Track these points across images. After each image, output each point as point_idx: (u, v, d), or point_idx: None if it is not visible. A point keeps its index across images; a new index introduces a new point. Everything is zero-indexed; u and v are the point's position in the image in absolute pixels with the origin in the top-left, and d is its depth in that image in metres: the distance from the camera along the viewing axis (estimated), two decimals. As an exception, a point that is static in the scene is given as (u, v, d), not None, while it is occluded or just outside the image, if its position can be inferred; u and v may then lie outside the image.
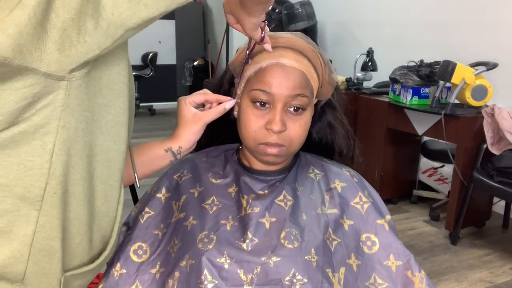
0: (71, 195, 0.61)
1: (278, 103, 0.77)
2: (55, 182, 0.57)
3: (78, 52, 0.51)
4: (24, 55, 0.48)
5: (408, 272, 0.79)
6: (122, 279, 0.78)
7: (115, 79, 0.60)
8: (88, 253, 0.68)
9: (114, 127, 0.63)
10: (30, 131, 0.53)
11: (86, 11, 0.50)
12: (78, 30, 0.50)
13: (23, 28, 0.46)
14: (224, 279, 0.72)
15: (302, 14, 4.30)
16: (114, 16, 0.51)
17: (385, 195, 2.96)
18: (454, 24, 3.28)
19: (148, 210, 0.84)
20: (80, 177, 0.60)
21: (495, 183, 2.29)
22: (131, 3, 0.51)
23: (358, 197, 0.85)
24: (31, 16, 0.46)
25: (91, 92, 0.57)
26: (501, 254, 2.45)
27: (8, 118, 0.51)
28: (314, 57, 0.81)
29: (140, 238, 0.81)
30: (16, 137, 0.53)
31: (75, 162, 0.59)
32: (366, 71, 3.34)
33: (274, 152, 0.79)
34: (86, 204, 0.63)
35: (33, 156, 0.54)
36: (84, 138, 0.59)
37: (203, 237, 0.77)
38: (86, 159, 0.60)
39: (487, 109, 2.40)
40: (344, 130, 0.92)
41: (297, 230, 0.77)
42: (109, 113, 0.62)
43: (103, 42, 0.52)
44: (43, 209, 0.57)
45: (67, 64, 0.51)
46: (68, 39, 0.50)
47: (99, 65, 0.57)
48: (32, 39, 0.48)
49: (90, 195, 0.64)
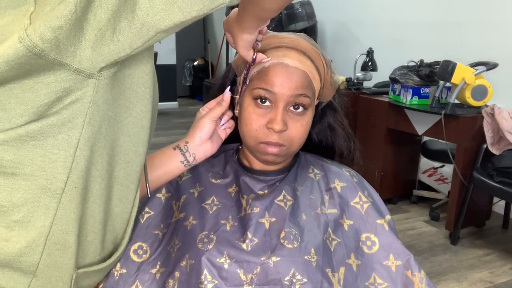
0: (89, 191, 0.62)
1: (280, 103, 0.78)
2: (77, 177, 0.58)
3: (110, 51, 0.53)
4: (60, 49, 0.49)
5: (408, 272, 0.79)
6: (122, 279, 0.78)
7: (138, 82, 0.62)
8: (99, 253, 0.69)
9: (134, 129, 0.64)
10: (58, 124, 0.55)
11: (122, 11, 0.51)
12: (113, 29, 0.52)
13: (64, 22, 0.48)
14: (224, 279, 0.72)
15: (302, 14, 4.30)
16: (149, 17, 0.52)
17: (385, 195, 2.96)
18: (454, 24, 3.28)
19: (148, 210, 0.84)
20: (99, 174, 0.61)
21: (495, 183, 2.29)
22: (166, 5, 0.52)
23: (358, 197, 0.85)
24: (72, 12, 0.48)
25: (116, 92, 0.58)
26: (501, 254, 2.45)
27: (38, 110, 0.53)
28: (317, 59, 0.82)
29: (140, 238, 0.81)
30: (44, 130, 0.54)
31: (96, 160, 0.60)
32: (366, 71, 3.34)
33: (274, 151, 0.79)
34: (102, 203, 0.64)
35: (58, 149, 0.56)
36: (106, 136, 0.60)
37: (203, 237, 0.77)
38: (106, 158, 0.61)
39: (487, 109, 2.40)
40: (344, 132, 0.92)
41: (297, 230, 0.77)
42: (130, 115, 0.63)
43: (135, 42, 0.54)
44: (62, 202, 0.58)
45: (99, 62, 0.53)
46: (103, 38, 0.52)
47: (124, 67, 0.58)
48: (70, 35, 0.49)
49: (106, 194, 0.65)
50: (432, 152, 2.93)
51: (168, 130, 4.88)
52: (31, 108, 0.52)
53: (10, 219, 0.57)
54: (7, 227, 0.57)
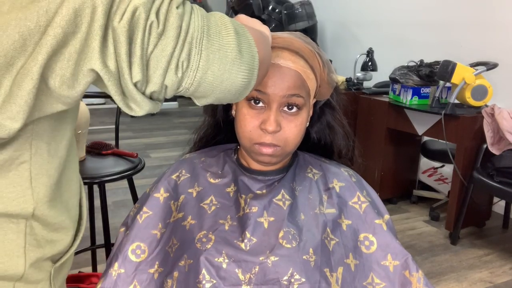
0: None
1: (273, 103, 0.77)
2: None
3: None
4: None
5: (405, 272, 0.79)
6: (121, 279, 0.78)
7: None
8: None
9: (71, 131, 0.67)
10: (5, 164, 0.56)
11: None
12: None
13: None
14: (222, 279, 0.72)
15: (302, 14, 4.30)
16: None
17: (385, 195, 2.96)
18: (454, 24, 3.28)
19: (146, 210, 0.84)
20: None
21: (495, 183, 2.29)
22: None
23: (357, 196, 0.85)
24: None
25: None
26: (501, 254, 2.45)
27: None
28: (312, 58, 0.81)
29: (138, 238, 0.81)
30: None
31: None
32: (366, 71, 3.34)
33: (268, 152, 0.79)
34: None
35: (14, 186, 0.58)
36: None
37: (202, 237, 0.77)
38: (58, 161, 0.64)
39: (487, 109, 2.40)
40: (343, 130, 0.92)
41: (295, 230, 0.77)
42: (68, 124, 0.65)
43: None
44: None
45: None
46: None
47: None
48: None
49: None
50: (432, 152, 2.93)
51: (168, 130, 4.88)
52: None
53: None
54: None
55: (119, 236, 0.85)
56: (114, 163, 1.66)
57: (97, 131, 4.24)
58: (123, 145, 3.38)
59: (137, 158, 1.73)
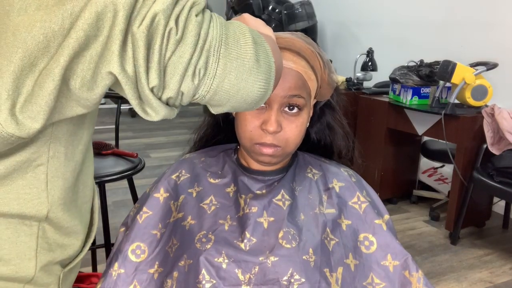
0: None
1: (274, 104, 0.77)
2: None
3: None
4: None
5: (405, 272, 0.79)
6: (120, 279, 0.78)
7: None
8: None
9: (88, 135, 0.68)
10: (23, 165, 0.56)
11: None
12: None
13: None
14: (222, 279, 0.72)
15: (302, 14, 4.30)
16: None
17: (385, 195, 2.96)
18: (454, 24, 3.28)
19: (146, 210, 0.84)
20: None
21: (495, 183, 2.29)
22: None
23: (356, 196, 0.85)
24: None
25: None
26: (501, 254, 2.45)
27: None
28: (313, 58, 0.81)
29: (138, 238, 0.81)
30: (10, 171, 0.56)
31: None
32: (366, 71, 3.34)
33: (269, 152, 0.79)
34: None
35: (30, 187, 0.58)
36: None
37: (201, 237, 0.77)
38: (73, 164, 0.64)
39: (487, 109, 2.40)
40: (343, 131, 0.92)
41: (295, 230, 0.77)
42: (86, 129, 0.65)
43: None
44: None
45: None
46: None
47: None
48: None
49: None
50: (432, 152, 2.93)
51: (168, 130, 4.88)
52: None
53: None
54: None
55: (119, 236, 0.85)
56: (114, 163, 1.67)
57: (97, 131, 4.23)
58: (123, 145, 3.38)
59: (137, 158, 1.73)
